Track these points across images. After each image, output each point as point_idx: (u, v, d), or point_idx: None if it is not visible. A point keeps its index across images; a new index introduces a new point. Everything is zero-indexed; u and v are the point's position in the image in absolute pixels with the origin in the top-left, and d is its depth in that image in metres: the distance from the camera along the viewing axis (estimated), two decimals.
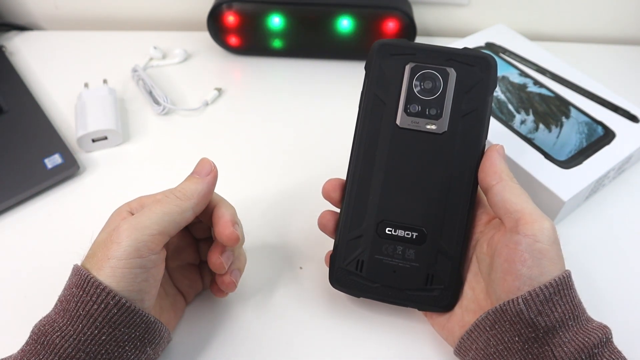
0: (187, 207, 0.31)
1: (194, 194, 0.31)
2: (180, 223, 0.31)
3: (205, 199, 0.32)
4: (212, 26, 0.57)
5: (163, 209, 0.30)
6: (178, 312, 0.36)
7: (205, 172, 0.33)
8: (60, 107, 0.54)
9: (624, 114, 0.47)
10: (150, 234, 0.29)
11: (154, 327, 0.30)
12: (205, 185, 0.32)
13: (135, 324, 0.29)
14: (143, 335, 0.30)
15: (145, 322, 0.29)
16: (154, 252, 0.29)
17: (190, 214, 0.31)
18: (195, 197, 0.31)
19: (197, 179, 0.32)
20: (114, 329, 0.28)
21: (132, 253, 0.29)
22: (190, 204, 0.31)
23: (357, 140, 0.35)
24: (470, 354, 0.31)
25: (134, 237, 0.29)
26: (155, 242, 0.29)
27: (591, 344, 0.28)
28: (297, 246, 0.42)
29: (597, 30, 0.64)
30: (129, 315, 0.28)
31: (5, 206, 0.44)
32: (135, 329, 0.29)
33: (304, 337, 0.36)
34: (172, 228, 0.31)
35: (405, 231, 0.34)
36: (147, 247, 0.29)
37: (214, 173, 0.33)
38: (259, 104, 0.55)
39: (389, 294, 0.34)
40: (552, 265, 0.29)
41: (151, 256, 0.29)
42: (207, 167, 0.33)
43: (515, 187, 0.31)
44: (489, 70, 0.33)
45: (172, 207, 0.31)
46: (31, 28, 0.66)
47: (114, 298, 0.28)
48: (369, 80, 0.35)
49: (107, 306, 0.28)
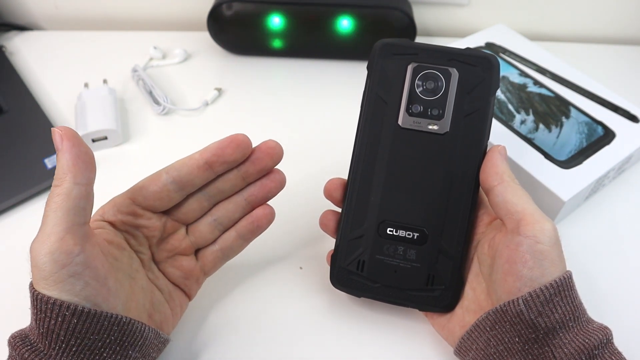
0: (69, 188, 0.27)
1: (64, 171, 0.27)
2: (78, 206, 0.27)
3: (79, 166, 0.27)
4: (212, 26, 0.57)
5: (50, 207, 0.27)
6: (176, 308, 0.34)
7: (59, 143, 0.27)
8: (60, 107, 0.54)
9: (624, 114, 0.47)
10: (57, 238, 0.26)
11: (131, 329, 0.28)
12: (65, 154, 0.27)
13: (105, 329, 0.27)
14: (120, 338, 0.28)
15: (117, 324, 0.28)
16: (73, 254, 0.26)
17: (78, 190, 0.27)
18: (67, 172, 0.27)
19: (59, 153, 0.28)
20: (82, 339, 0.27)
21: (53, 267, 0.26)
22: (68, 183, 0.27)
23: (359, 140, 0.35)
24: (471, 354, 0.31)
25: (44, 251, 0.26)
26: (68, 243, 0.26)
27: (591, 345, 0.28)
28: (297, 246, 0.42)
29: (597, 30, 0.64)
30: (93, 321, 0.27)
31: (5, 206, 0.44)
32: (108, 334, 0.27)
33: (304, 337, 0.36)
34: (74, 217, 0.27)
35: (407, 231, 0.34)
36: (63, 253, 0.26)
37: (65, 135, 0.27)
38: (259, 104, 0.55)
39: (389, 294, 0.34)
40: (553, 267, 0.29)
41: (75, 259, 0.26)
42: (57, 137, 0.27)
43: (516, 188, 0.31)
44: (491, 70, 0.33)
45: (56, 199, 0.27)
46: (31, 28, 0.66)
47: (69, 308, 0.26)
48: (371, 80, 0.35)
49: (65, 318, 0.26)
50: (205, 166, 0.33)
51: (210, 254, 0.36)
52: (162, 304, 0.33)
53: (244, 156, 0.33)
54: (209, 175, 0.33)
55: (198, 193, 0.34)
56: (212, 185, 0.34)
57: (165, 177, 0.32)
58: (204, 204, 0.35)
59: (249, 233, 0.36)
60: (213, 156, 0.32)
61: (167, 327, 0.34)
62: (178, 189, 0.33)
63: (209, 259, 0.36)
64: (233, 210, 0.35)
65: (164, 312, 0.33)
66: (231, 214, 0.35)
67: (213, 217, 0.35)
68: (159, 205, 0.33)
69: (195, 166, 0.32)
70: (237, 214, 0.36)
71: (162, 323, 0.33)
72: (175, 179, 0.32)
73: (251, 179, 0.35)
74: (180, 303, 0.35)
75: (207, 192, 0.34)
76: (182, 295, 0.35)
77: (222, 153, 0.33)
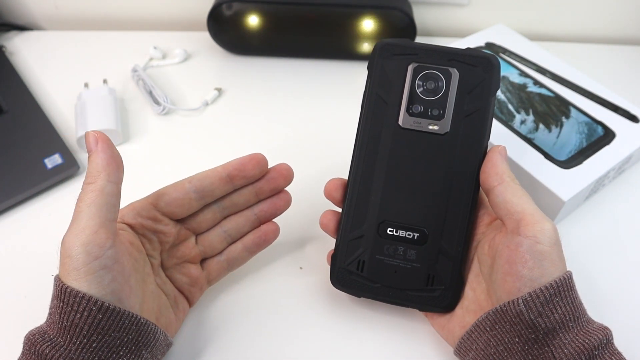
0: (103, 185, 0.29)
1: (98, 170, 0.29)
2: (110, 203, 0.29)
3: (112, 165, 0.30)
4: (212, 26, 0.57)
5: (85, 202, 0.29)
6: (179, 314, 0.35)
7: (93, 145, 0.30)
8: (60, 107, 0.54)
9: (624, 114, 0.47)
10: (92, 231, 0.28)
11: (147, 329, 0.29)
12: (101, 154, 0.30)
13: (125, 327, 0.28)
14: (136, 338, 0.29)
15: (136, 324, 0.29)
16: (105, 247, 0.28)
17: (111, 188, 0.29)
18: (102, 171, 0.29)
19: (93, 154, 0.30)
20: (103, 335, 0.27)
21: (86, 258, 0.27)
22: (102, 181, 0.29)
23: (359, 140, 0.35)
24: (471, 354, 0.32)
25: (79, 243, 0.27)
26: (101, 237, 0.28)
27: (591, 346, 0.28)
28: (297, 246, 0.42)
29: (597, 30, 0.64)
30: (116, 318, 0.28)
31: (5, 206, 0.44)
32: (127, 333, 0.28)
33: (304, 336, 0.36)
34: (106, 213, 0.29)
35: (407, 231, 0.34)
36: (96, 245, 0.28)
37: (101, 138, 0.30)
38: (259, 104, 0.55)
39: (389, 294, 0.34)
40: (553, 267, 0.29)
41: (107, 252, 0.28)
42: (92, 139, 0.30)
43: (516, 189, 0.31)
44: (492, 70, 0.33)
45: (90, 195, 0.29)
46: (31, 28, 0.66)
47: (96, 304, 0.27)
48: (371, 80, 0.35)
49: (91, 313, 0.27)
50: (227, 179, 0.35)
51: (216, 264, 0.37)
52: (167, 308, 0.34)
53: (261, 173, 0.36)
54: (228, 188, 0.36)
55: (213, 204, 0.36)
56: (228, 198, 0.37)
57: (188, 186, 0.34)
58: (217, 216, 0.37)
59: (255, 246, 0.38)
60: (235, 170, 0.35)
61: (171, 331, 0.34)
62: (199, 198, 0.35)
63: (214, 269, 0.37)
64: (243, 224, 0.37)
65: (169, 317, 0.34)
66: (241, 227, 0.37)
67: (223, 228, 0.37)
68: (178, 212, 0.35)
69: (217, 178, 0.35)
70: (246, 228, 0.38)
71: (167, 327, 0.33)
72: (197, 188, 0.34)
73: (263, 196, 0.37)
74: (183, 309, 0.36)
75: (222, 204, 0.37)
76: (185, 301, 0.36)
77: (243, 168, 0.35)
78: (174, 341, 0.36)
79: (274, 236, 0.38)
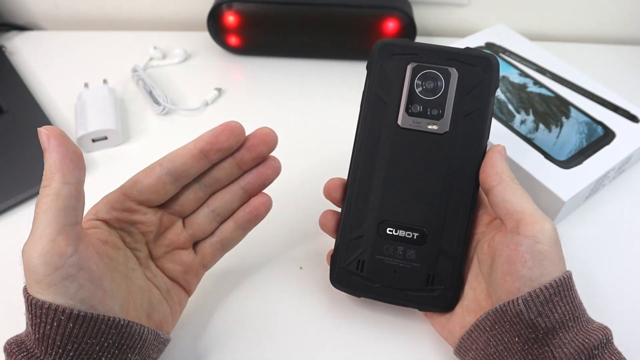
0: (57, 187, 0.26)
1: (52, 170, 0.27)
2: (68, 206, 0.26)
3: (66, 165, 0.27)
4: (212, 26, 0.57)
5: (40, 208, 0.26)
6: (175, 306, 0.34)
7: (45, 143, 0.27)
8: (60, 107, 0.54)
9: (624, 114, 0.47)
10: (49, 240, 0.25)
11: (129, 331, 0.28)
12: (52, 153, 0.27)
13: (103, 332, 0.26)
14: (119, 341, 0.27)
15: (115, 327, 0.27)
16: (66, 255, 0.26)
17: (68, 190, 0.26)
18: (55, 171, 0.26)
19: (46, 153, 0.27)
20: (79, 344, 0.26)
21: (46, 270, 0.25)
22: (56, 183, 0.26)
23: (359, 140, 0.35)
24: (470, 354, 0.31)
25: (36, 254, 0.25)
26: (60, 245, 0.26)
27: (591, 345, 0.28)
28: (297, 246, 0.42)
29: (597, 30, 0.64)
30: (90, 325, 0.26)
31: (5, 206, 0.44)
32: (106, 338, 0.27)
33: (304, 336, 0.36)
34: (64, 217, 0.26)
35: (406, 231, 0.34)
36: (55, 255, 0.25)
37: (52, 134, 0.27)
38: (259, 104, 0.55)
39: (389, 294, 0.34)
40: (552, 266, 0.29)
41: (68, 261, 0.26)
42: (43, 137, 0.27)
43: (516, 188, 0.31)
44: (491, 70, 0.33)
45: (45, 200, 0.26)
46: (31, 28, 0.66)
47: (64, 313, 0.25)
48: (370, 80, 0.35)
49: (61, 323, 0.25)
50: (200, 155, 0.32)
51: (209, 246, 0.35)
52: (160, 302, 0.33)
53: (238, 143, 0.33)
54: (204, 164, 0.33)
55: (194, 184, 0.34)
56: (208, 175, 0.34)
57: (159, 170, 0.32)
58: (200, 195, 0.34)
59: (247, 222, 0.35)
60: (207, 144, 0.32)
61: (167, 326, 0.33)
62: (173, 181, 0.32)
63: (208, 252, 0.35)
64: (230, 200, 0.35)
65: (163, 311, 0.33)
66: (228, 203, 0.35)
67: (210, 208, 0.35)
68: (154, 198, 0.32)
69: (189, 156, 0.32)
70: (235, 204, 0.35)
71: (161, 322, 0.32)
72: (170, 170, 0.32)
73: (247, 167, 0.34)
74: (179, 300, 0.34)
75: (202, 182, 0.34)
76: (181, 291, 0.35)
77: (216, 140, 0.32)
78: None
79: (266, 208, 0.35)
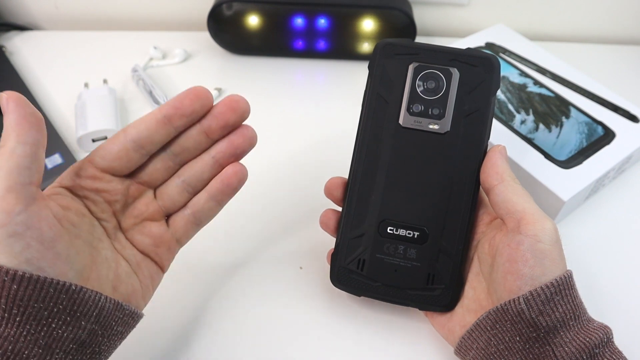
0: (12, 146, 0.26)
1: (8, 131, 0.26)
2: (22, 164, 0.26)
3: (23, 125, 0.27)
4: (212, 26, 0.57)
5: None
6: (146, 279, 0.32)
7: (4, 106, 0.27)
8: (60, 107, 0.54)
9: (624, 114, 0.47)
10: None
11: (82, 297, 0.26)
12: (10, 115, 0.27)
13: (51, 296, 0.25)
14: (71, 307, 0.26)
15: (65, 291, 0.26)
16: (13, 213, 0.25)
17: (22, 149, 0.26)
18: (11, 131, 0.26)
19: (4, 116, 0.27)
20: (25, 307, 0.25)
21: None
22: (11, 142, 0.26)
23: (360, 139, 0.35)
24: (471, 354, 0.31)
25: None
26: (8, 202, 0.25)
27: (592, 344, 0.28)
28: (297, 245, 0.42)
29: (597, 30, 0.65)
30: (36, 287, 0.25)
31: None
32: (55, 302, 0.25)
33: (304, 336, 0.36)
34: (17, 176, 0.26)
35: (407, 230, 0.34)
36: (3, 212, 0.25)
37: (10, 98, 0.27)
38: (259, 104, 0.55)
39: (390, 293, 0.34)
40: (553, 266, 0.29)
41: (15, 218, 0.25)
42: (3, 101, 0.27)
43: (517, 188, 0.32)
44: (492, 70, 0.34)
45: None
46: (31, 28, 0.66)
47: (8, 273, 0.24)
48: (372, 79, 0.35)
49: (5, 285, 0.24)
50: (164, 120, 0.31)
51: (181, 219, 0.34)
52: (129, 275, 0.31)
53: (203, 108, 0.32)
54: (169, 130, 0.31)
55: (162, 153, 0.32)
56: (175, 143, 0.32)
57: (122, 136, 0.31)
58: (169, 164, 0.33)
59: (220, 194, 0.34)
60: (171, 109, 0.31)
61: (136, 300, 0.31)
62: (137, 148, 0.31)
63: (180, 225, 0.34)
64: (201, 170, 0.33)
65: (132, 284, 0.31)
66: (199, 174, 0.33)
67: (181, 178, 0.33)
68: (118, 166, 0.31)
69: (153, 121, 0.31)
70: (206, 174, 0.34)
71: (129, 296, 0.31)
72: (133, 137, 0.31)
73: (216, 136, 0.33)
74: (150, 274, 0.33)
75: (170, 150, 0.33)
76: (153, 265, 0.33)
77: (180, 105, 0.31)
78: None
79: (238, 179, 0.33)
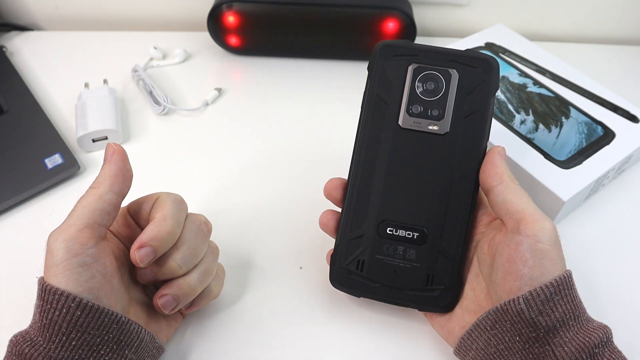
0: (103, 192, 0.30)
1: (105, 177, 0.31)
2: (105, 209, 0.30)
3: (119, 178, 0.31)
4: (212, 26, 0.57)
5: (82, 203, 0.30)
6: (171, 321, 0.35)
7: (110, 155, 0.32)
8: (60, 107, 0.54)
9: (624, 114, 0.47)
10: (77, 230, 0.29)
11: (129, 328, 0.29)
12: (112, 165, 0.31)
13: (105, 325, 0.28)
14: (118, 337, 0.29)
15: (117, 322, 0.29)
16: (87, 246, 0.29)
17: (110, 197, 0.30)
18: (107, 179, 0.31)
19: (105, 163, 0.32)
20: (82, 333, 0.27)
21: (66, 254, 0.28)
22: (104, 188, 0.31)
23: (359, 140, 0.35)
24: (471, 354, 0.32)
25: (61, 239, 0.28)
26: (85, 236, 0.29)
27: (592, 344, 0.28)
28: (297, 246, 0.42)
29: (597, 30, 0.64)
30: (95, 316, 0.28)
31: (6, 206, 0.44)
32: (107, 331, 0.28)
33: (304, 336, 0.36)
34: (98, 217, 0.30)
35: (406, 231, 0.34)
36: (77, 243, 0.28)
37: (117, 151, 0.32)
38: (259, 104, 0.55)
39: (389, 294, 0.34)
40: (553, 266, 0.29)
41: (87, 251, 0.28)
42: (109, 150, 0.32)
43: (516, 188, 0.32)
44: (491, 71, 0.34)
45: (89, 198, 0.30)
46: (31, 28, 0.66)
47: (74, 300, 0.27)
48: (371, 80, 0.35)
49: (69, 310, 0.27)
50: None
51: None
52: (157, 317, 0.34)
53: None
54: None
55: None
56: None
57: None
58: None
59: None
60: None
61: (161, 337, 0.34)
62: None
63: None
64: None
65: (159, 323, 0.34)
66: None
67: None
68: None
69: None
70: None
71: (157, 333, 0.33)
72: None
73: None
74: (175, 317, 0.36)
75: None
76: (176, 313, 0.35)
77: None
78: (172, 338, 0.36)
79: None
